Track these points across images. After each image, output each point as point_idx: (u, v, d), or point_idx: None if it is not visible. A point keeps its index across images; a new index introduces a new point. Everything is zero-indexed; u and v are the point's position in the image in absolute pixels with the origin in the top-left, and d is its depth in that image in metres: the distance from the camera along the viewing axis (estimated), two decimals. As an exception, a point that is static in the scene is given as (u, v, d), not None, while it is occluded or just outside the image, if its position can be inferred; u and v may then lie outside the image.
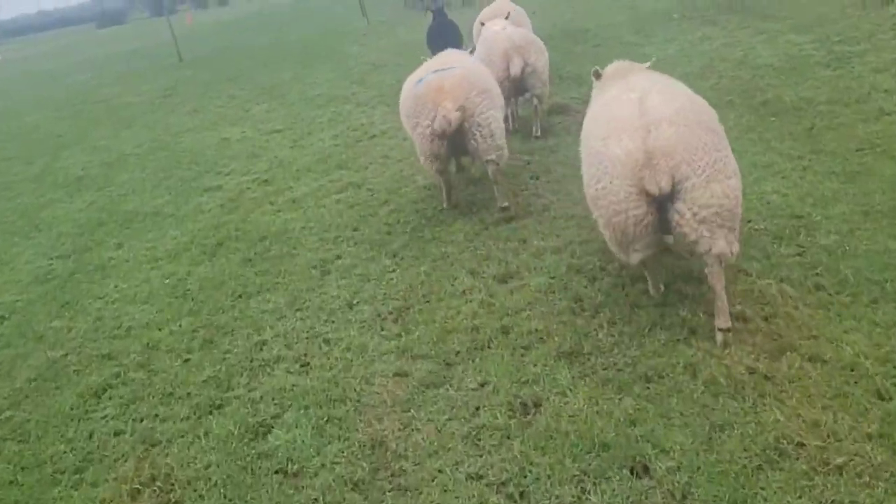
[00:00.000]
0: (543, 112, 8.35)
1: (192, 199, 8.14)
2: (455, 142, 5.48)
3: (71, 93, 21.85)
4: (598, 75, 4.71)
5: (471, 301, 4.59)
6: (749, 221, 5.08)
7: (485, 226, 5.75)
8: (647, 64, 4.79)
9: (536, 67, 7.47)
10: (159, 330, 4.97)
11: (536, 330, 4.10)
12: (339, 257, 5.67)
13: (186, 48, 30.68)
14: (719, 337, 3.67)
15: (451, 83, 5.42)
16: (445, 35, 11.64)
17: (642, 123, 3.54)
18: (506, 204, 5.75)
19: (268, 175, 8.55)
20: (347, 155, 8.74)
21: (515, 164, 7.11)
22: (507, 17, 9.56)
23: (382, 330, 4.45)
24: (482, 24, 9.10)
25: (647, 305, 4.16)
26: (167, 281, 5.85)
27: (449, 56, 6.49)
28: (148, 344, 4.78)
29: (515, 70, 7.15)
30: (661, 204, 3.45)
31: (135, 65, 28.30)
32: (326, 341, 4.43)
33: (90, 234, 7.55)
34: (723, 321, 3.65)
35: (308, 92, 14.01)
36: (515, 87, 7.38)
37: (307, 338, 4.51)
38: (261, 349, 4.49)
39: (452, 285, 4.84)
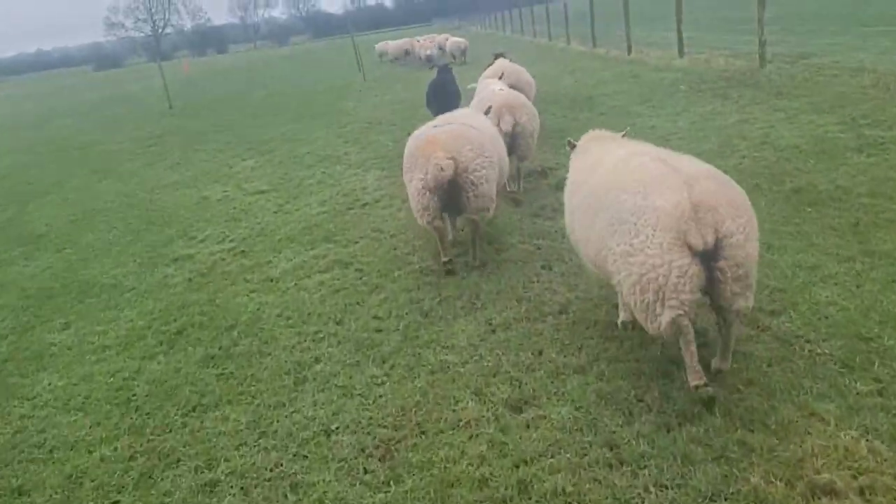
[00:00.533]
0: (525, 172, 8.35)
1: (159, 270, 7.23)
2: (448, 196, 5.41)
3: (52, 138, 21.08)
4: (572, 146, 4.89)
5: (477, 436, 3.66)
6: (808, 342, 4.24)
7: (491, 327, 4.87)
8: (622, 133, 4.86)
9: (526, 129, 7.60)
10: (89, 453, 3.98)
11: (564, 491, 3.17)
12: (317, 360, 4.74)
13: (179, 95, 30.22)
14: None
15: (446, 137, 5.44)
16: (443, 95, 11.12)
17: (681, 178, 3.47)
18: (477, 264, 5.87)
19: (246, 244, 7.68)
20: (336, 225, 7.90)
21: (524, 248, 6.29)
22: (500, 77, 9.12)
23: (366, 473, 3.50)
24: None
25: (702, 460, 3.26)
26: (111, 380, 4.87)
27: (458, 114, 6.61)
28: (71, 476, 3.78)
29: (506, 127, 7.26)
30: (702, 260, 3.38)
31: (123, 110, 27.70)
32: (294, 487, 3.47)
33: (37, 308, 6.59)
34: (724, 363, 3.86)
35: (298, 149, 13.27)
36: (508, 145, 7.26)
37: (269, 479, 3.54)
38: (210, 493, 3.52)
39: (454, 411, 3.92)
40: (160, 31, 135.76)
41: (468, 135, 5.52)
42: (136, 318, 5.99)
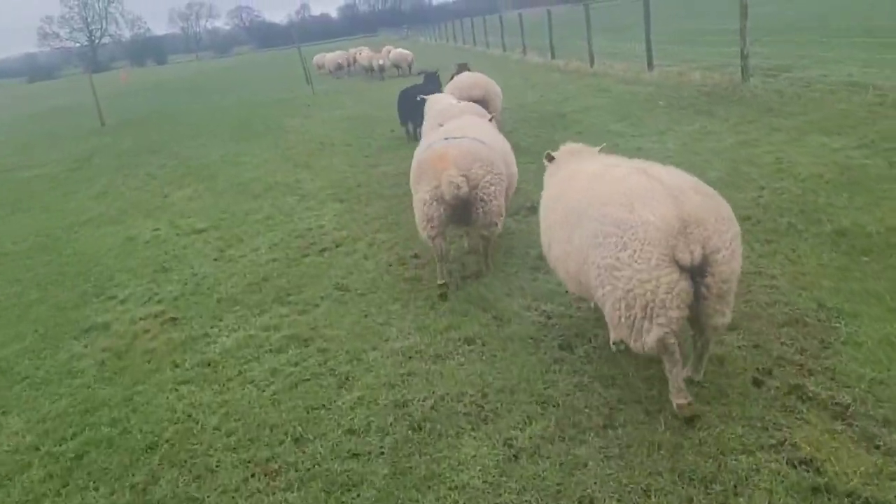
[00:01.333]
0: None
1: (64, 347, 5.64)
2: (456, 210, 5.28)
3: (-35, 160, 18.82)
4: (550, 158, 4.71)
5: None
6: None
7: (513, 451, 3.50)
8: (598, 149, 4.69)
9: None
10: None
11: None
12: (271, 516, 3.32)
13: (113, 110, 28.05)
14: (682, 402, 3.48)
15: (457, 153, 5.28)
16: (413, 104, 10.68)
17: (667, 191, 3.33)
18: (488, 276, 5.75)
19: (177, 307, 6.15)
20: (290, 279, 6.44)
21: (531, 318, 4.96)
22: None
23: None
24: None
25: None
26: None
27: (467, 122, 6.42)
28: None
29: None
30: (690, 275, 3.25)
31: (50, 127, 25.44)
32: None
33: None
34: (697, 374, 3.75)
35: (242, 175, 11.70)
36: None
37: None
38: None
39: None
40: (97, 41, 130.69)
41: (478, 151, 5.36)
42: (23, 429, 4.42)
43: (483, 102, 9.27)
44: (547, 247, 4.32)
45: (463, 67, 13.16)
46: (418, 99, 9.71)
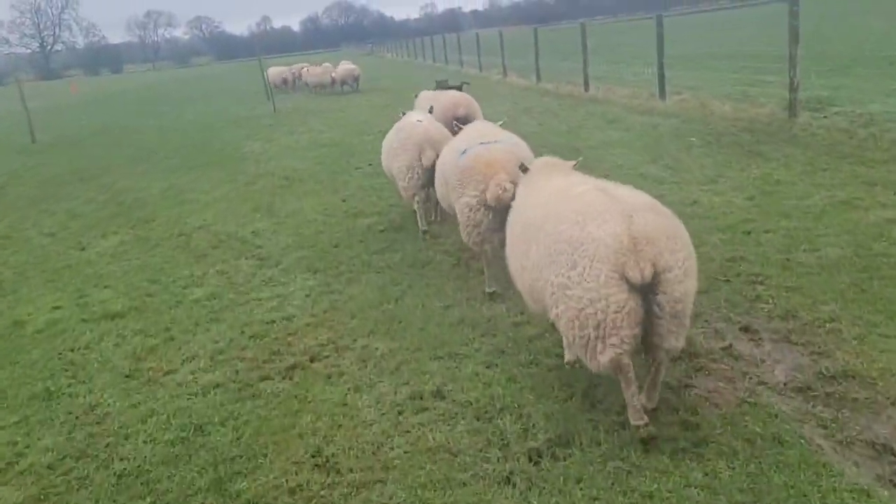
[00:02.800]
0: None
1: None
2: (504, 217, 4.63)
3: None
4: (525, 169, 4.47)
5: None
6: None
7: None
8: (573, 163, 4.37)
9: None
10: None
11: None
12: None
13: (51, 124, 25.05)
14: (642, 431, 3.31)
15: (504, 157, 5.06)
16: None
17: (621, 209, 3.22)
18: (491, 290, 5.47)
19: (59, 489, 3.63)
20: (235, 435, 3.95)
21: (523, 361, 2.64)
22: (430, 111, 7.96)
23: None
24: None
25: None
26: None
27: (483, 127, 6.18)
28: None
29: (427, 162, 6.67)
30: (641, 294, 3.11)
31: (-29, 144, 22.25)
32: None
33: None
34: (651, 401, 3.54)
35: (186, 220, 9.13)
36: (429, 179, 6.73)
37: None
38: None
39: None
40: (49, 48, 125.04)
41: (522, 156, 5.11)
42: None
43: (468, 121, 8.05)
44: (508, 259, 4.14)
45: (442, 84, 12.03)
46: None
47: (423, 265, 6.45)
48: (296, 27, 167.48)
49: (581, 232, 3.19)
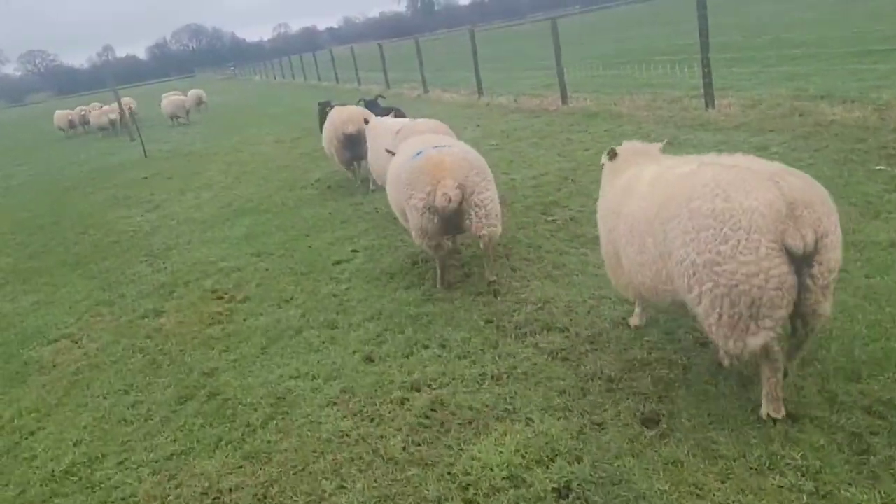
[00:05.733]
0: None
1: None
2: (450, 219, 4.95)
3: None
4: (613, 155, 4.02)
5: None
6: None
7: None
8: (660, 145, 4.01)
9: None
10: None
11: None
12: None
13: None
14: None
15: (452, 161, 5.02)
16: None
17: (760, 176, 2.89)
18: (493, 278, 5.29)
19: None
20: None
21: None
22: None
23: None
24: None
25: None
26: None
27: (436, 130, 6.70)
28: None
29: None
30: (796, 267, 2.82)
31: None
32: None
33: None
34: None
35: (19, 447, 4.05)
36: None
37: None
38: None
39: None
40: None
41: (470, 158, 5.15)
42: None
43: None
44: (610, 258, 3.84)
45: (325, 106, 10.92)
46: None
47: None
48: (142, 55, 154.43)
49: (726, 203, 2.86)
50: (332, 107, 10.07)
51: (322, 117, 12.23)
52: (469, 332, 4.49)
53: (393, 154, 5.91)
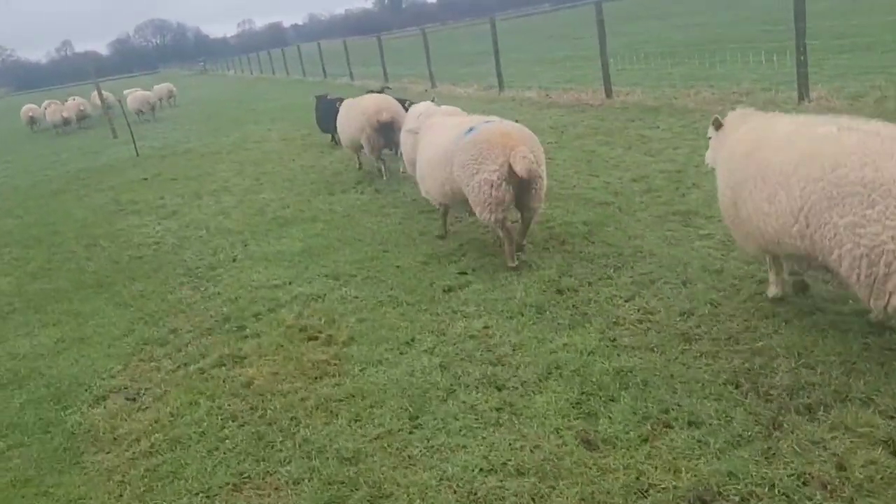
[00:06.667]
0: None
1: None
2: (522, 189, 5.00)
3: None
4: (719, 124, 4.31)
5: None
6: None
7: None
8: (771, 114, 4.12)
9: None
10: None
11: None
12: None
13: None
14: None
15: (517, 132, 5.09)
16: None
17: None
18: (518, 260, 5.30)
19: None
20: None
21: None
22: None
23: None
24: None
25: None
26: None
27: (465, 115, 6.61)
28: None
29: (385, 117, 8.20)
30: None
31: None
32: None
33: None
34: None
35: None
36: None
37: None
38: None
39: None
40: None
41: (527, 131, 5.22)
42: None
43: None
44: (732, 208, 3.90)
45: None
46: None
47: None
48: (103, 50, 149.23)
49: (877, 173, 3.03)
50: (341, 101, 9.93)
51: (320, 111, 12.35)
52: (723, 403, 3.27)
53: (416, 133, 6.12)
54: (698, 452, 2.95)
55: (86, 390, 4.49)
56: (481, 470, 3.08)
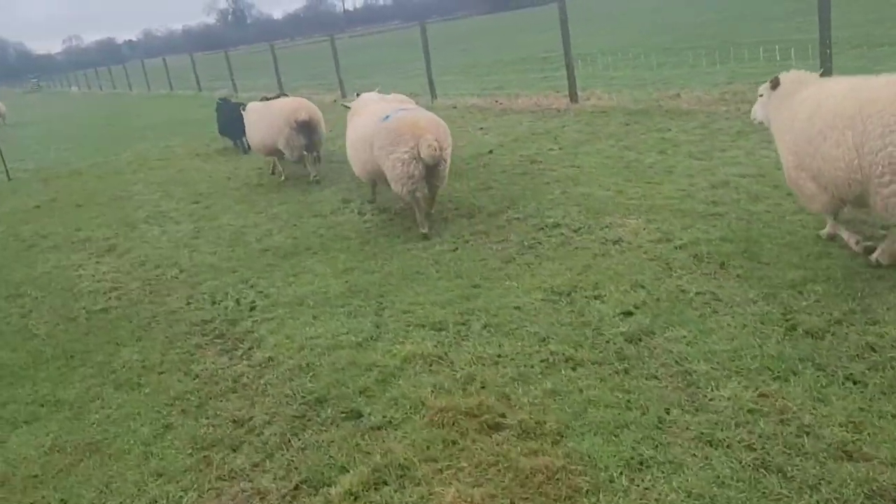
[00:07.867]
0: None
1: None
2: (429, 170, 5.68)
3: None
4: (776, 84, 4.53)
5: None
6: None
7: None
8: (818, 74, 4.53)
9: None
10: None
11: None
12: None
13: None
14: None
15: (426, 121, 5.78)
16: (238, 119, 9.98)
17: None
18: (425, 230, 5.87)
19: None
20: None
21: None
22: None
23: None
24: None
25: None
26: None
27: (390, 101, 7.32)
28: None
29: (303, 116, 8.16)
30: None
31: None
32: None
33: None
34: None
35: None
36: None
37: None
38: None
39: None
40: None
41: (436, 119, 5.90)
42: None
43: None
44: (792, 167, 4.24)
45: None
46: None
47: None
48: None
49: None
50: (244, 106, 9.81)
51: (221, 114, 12.10)
52: None
53: (348, 108, 7.15)
54: None
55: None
56: None
